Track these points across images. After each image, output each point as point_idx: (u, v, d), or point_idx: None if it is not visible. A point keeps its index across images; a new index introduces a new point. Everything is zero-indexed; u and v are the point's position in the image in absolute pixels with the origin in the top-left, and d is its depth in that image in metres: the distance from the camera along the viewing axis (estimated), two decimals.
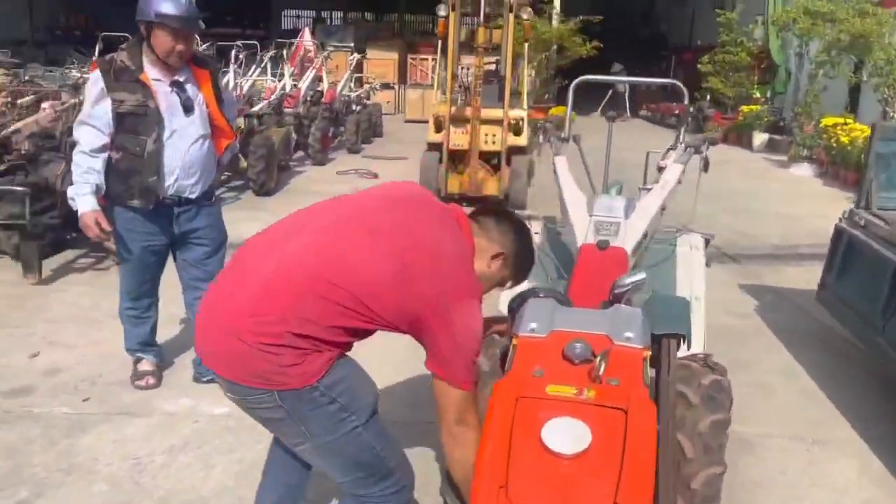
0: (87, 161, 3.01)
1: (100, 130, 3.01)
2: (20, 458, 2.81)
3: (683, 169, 2.91)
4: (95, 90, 3.02)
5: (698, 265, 2.98)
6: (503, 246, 1.88)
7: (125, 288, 3.32)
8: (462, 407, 1.71)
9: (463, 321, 1.69)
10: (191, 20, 2.98)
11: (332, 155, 11.66)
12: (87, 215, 2.97)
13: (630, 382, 1.60)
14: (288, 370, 1.65)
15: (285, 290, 1.68)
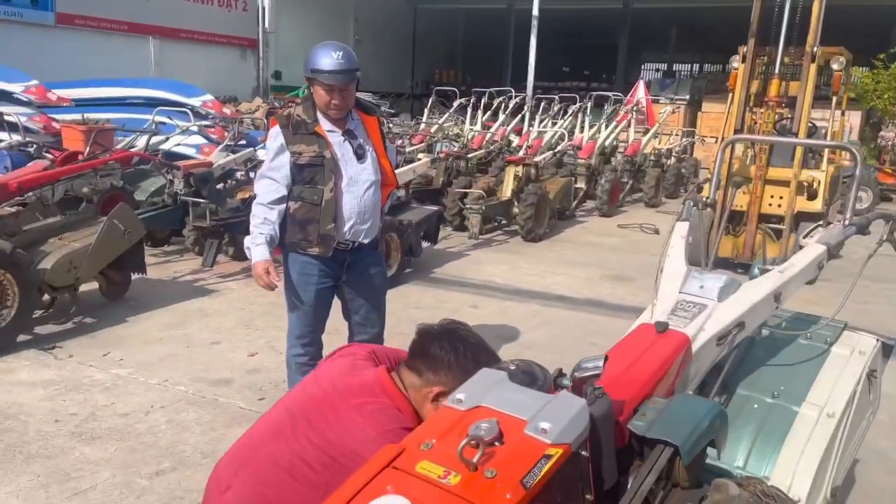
0: (263, 212, 3.14)
1: (278, 183, 3.14)
2: (184, 435, 3.41)
3: (826, 252, 2.34)
4: (275, 145, 3.15)
5: (852, 374, 2.35)
6: (441, 383, 1.88)
7: (296, 333, 3.38)
8: None
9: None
10: (344, 74, 3.03)
11: (627, 208, 11.50)
12: (259, 265, 3.08)
13: (506, 479, 1.39)
14: None
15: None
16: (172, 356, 4.41)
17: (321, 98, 3.13)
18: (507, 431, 1.51)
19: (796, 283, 2.33)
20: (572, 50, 32.89)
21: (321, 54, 3.04)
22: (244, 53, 20.18)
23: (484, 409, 1.60)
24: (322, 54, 3.04)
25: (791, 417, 2.26)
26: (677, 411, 1.77)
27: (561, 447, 1.48)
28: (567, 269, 7.19)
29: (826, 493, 2.20)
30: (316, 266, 3.23)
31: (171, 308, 5.33)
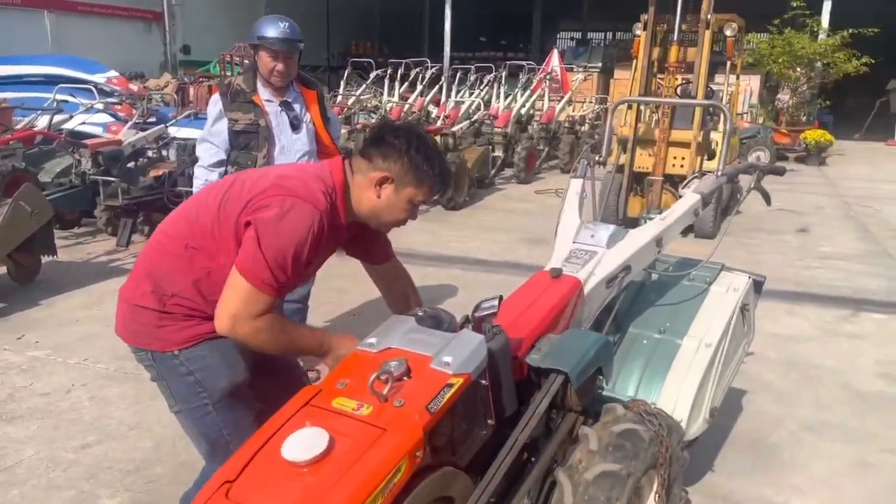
0: (204, 174, 3.35)
1: (217, 147, 3.33)
2: (108, 410, 3.43)
3: (700, 200, 2.59)
4: (214, 111, 3.35)
5: (727, 309, 2.63)
6: (388, 170, 1.88)
7: None
8: (251, 303, 1.73)
9: (274, 225, 1.75)
10: (288, 41, 3.21)
11: (544, 175, 11.82)
12: None
13: (413, 405, 1.56)
14: (155, 332, 1.89)
15: (149, 254, 1.96)
16: (91, 336, 4.37)
17: (265, 65, 3.27)
18: (414, 367, 1.68)
19: (675, 229, 2.57)
20: (489, 19, 33.04)
21: (268, 23, 3.23)
22: (149, 27, 19.37)
23: (394, 349, 1.76)
24: (269, 23, 3.23)
25: (675, 350, 2.52)
26: (567, 343, 1.97)
27: (462, 377, 1.66)
28: (486, 235, 7.41)
29: (705, 414, 2.47)
30: None
31: (86, 289, 5.24)
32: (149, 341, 1.92)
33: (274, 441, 1.53)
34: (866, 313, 5.06)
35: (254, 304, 1.75)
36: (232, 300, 1.76)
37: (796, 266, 6.36)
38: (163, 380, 1.96)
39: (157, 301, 1.89)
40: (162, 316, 1.89)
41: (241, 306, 1.75)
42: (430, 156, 1.92)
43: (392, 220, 2.00)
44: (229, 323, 1.76)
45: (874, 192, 10.55)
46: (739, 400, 3.62)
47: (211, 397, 1.92)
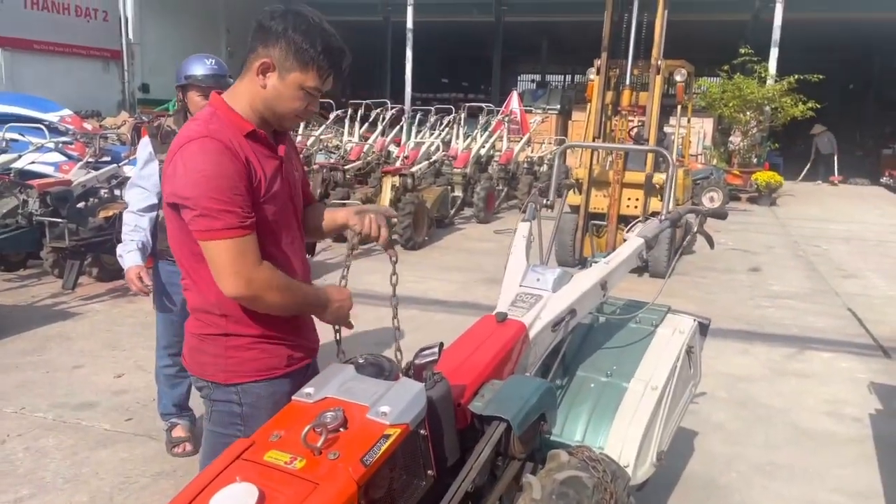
0: (134, 220, 3.24)
1: (148, 191, 3.24)
2: (44, 461, 3.29)
3: (643, 244, 2.63)
4: (144, 153, 3.28)
5: (672, 352, 2.64)
6: (267, 56, 1.76)
7: (164, 343, 3.43)
8: (238, 254, 1.69)
9: (183, 180, 1.70)
10: (216, 77, 3.18)
11: (503, 215, 11.93)
12: (131, 270, 3.18)
13: (347, 458, 1.52)
14: (221, 362, 1.89)
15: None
16: (30, 383, 4.21)
17: (195, 104, 3.23)
18: (350, 418, 1.64)
19: (620, 273, 2.60)
20: (449, 61, 33.61)
21: (194, 61, 3.24)
22: (107, 66, 19.22)
23: (330, 399, 1.72)
24: (195, 61, 3.23)
25: (621, 393, 2.52)
26: (509, 390, 1.96)
27: (399, 427, 1.62)
28: (444, 275, 7.42)
29: (652, 458, 2.47)
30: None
31: (28, 334, 5.06)
32: (212, 371, 1.91)
33: (202, 497, 1.47)
34: (813, 352, 5.16)
35: (241, 254, 1.71)
36: (223, 267, 1.71)
37: (748, 305, 6.48)
38: (210, 401, 1.95)
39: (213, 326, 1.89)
40: (227, 347, 1.88)
41: (232, 264, 1.70)
42: (312, 34, 1.75)
43: (288, 111, 1.84)
44: (239, 286, 1.73)
45: (822, 232, 10.88)
46: (691, 441, 3.63)
47: (244, 433, 1.84)
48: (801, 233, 10.81)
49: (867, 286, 7.35)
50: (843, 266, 8.36)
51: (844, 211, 13.58)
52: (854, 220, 12.30)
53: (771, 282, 7.51)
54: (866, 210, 13.78)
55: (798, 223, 11.85)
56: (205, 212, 1.69)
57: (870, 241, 10.25)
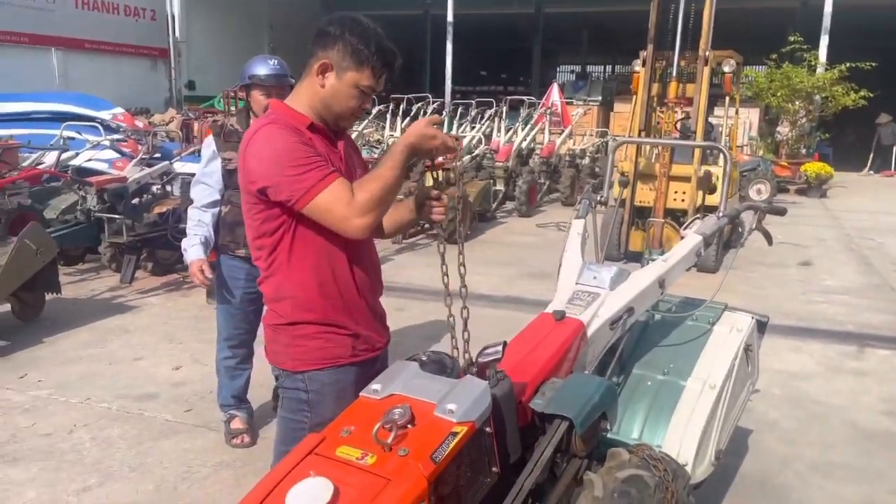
0: (198, 215, 3.36)
1: (211, 187, 3.36)
2: (110, 451, 3.42)
3: (701, 241, 2.61)
4: (208, 152, 3.43)
5: (730, 350, 2.62)
6: (326, 57, 1.89)
7: (224, 335, 3.49)
8: (337, 199, 1.78)
9: (260, 159, 1.82)
10: (278, 77, 3.30)
11: (545, 208, 11.88)
12: (193, 264, 3.27)
13: (417, 455, 1.55)
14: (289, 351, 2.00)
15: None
16: (93, 374, 4.37)
17: (258, 103, 3.34)
18: (418, 414, 1.67)
19: (678, 270, 2.58)
20: (489, 54, 33.48)
21: (257, 62, 3.34)
22: (155, 64, 19.67)
23: (397, 396, 1.76)
24: (258, 62, 3.34)
25: (679, 391, 2.51)
26: (571, 389, 1.97)
27: (466, 425, 1.65)
28: (488, 269, 7.42)
29: (711, 457, 2.46)
30: (244, 270, 3.36)
31: (89, 326, 5.24)
32: (282, 360, 2.01)
33: (278, 490, 1.53)
34: (871, 349, 5.04)
35: (339, 197, 1.79)
36: (340, 211, 1.79)
37: (800, 300, 6.35)
38: (283, 388, 2.05)
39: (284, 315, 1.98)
40: (295, 336, 1.98)
41: (348, 205, 1.79)
42: (367, 37, 1.89)
43: (344, 109, 1.96)
44: (353, 225, 1.81)
45: (876, 224, 10.58)
46: (746, 440, 3.59)
47: (311, 420, 1.95)
48: (853, 225, 10.52)
49: None
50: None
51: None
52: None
53: (823, 276, 7.34)
54: None
55: (850, 215, 11.54)
56: (294, 178, 1.79)
57: None
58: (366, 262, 2.06)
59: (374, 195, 1.81)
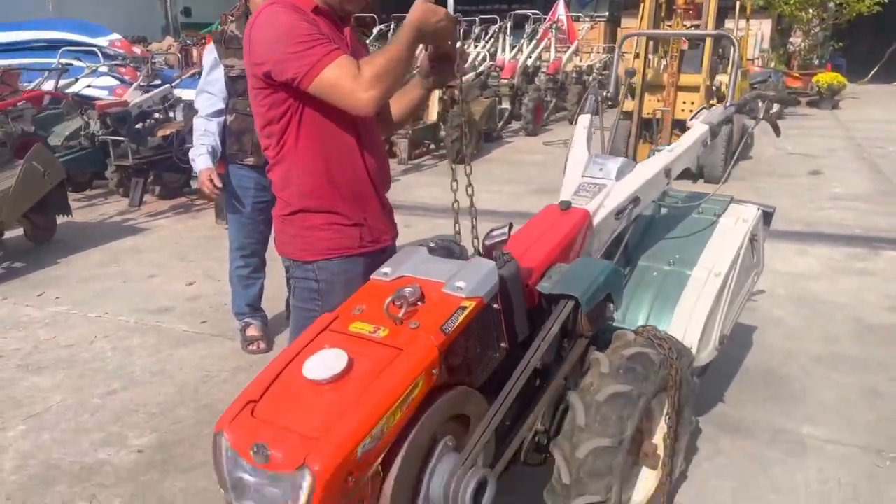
0: (203, 124, 3.31)
1: (215, 96, 3.35)
2: (131, 359, 3.52)
3: (708, 131, 2.59)
4: (210, 59, 3.34)
5: (736, 240, 2.64)
6: None
7: (236, 245, 3.51)
8: (343, 73, 1.76)
9: (262, 39, 1.81)
10: None
11: (552, 126, 11.74)
12: (202, 173, 3.24)
13: (428, 327, 1.60)
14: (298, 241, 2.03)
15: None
16: (109, 291, 4.46)
17: (257, 6, 3.20)
18: (427, 293, 1.72)
19: (684, 160, 2.58)
20: None
21: None
22: None
23: (407, 278, 1.80)
24: None
25: (684, 280, 2.55)
26: (577, 270, 2.01)
27: (474, 300, 1.70)
28: (495, 187, 7.41)
29: (715, 341, 2.51)
30: (252, 178, 3.36)
31: (102, 248, 5.31)
32: (292, 250, 2.05)
33: (295, 363, 1.59)
34: (878, 251, 5.06)
35: (346, 72, 1.77)
36: (346, 85, 1.77)
37: (808, 207, 6.34)
38: (293, 279, 2.10)
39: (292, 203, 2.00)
40: (304, 227, 2.00)
41: (354, 79, 1.76)
42: None
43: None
44: (361, 99, 1.78)
45: (887, 134, 10.42)
46: (750, 335, 3.66)
47: (322, 308, 1.98)
48: (864, 135, 10.37)
49: None
50: None
51: None
52: None
53: (833, 184, 7.29)
54: None
55: (862, 126, 11.36)
56: (298, 55, 1.77)
57: None
58: (374, 151, 2.06)
59: (380, 68, 1.79)
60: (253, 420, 1.48)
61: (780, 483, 2.50)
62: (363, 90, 1.78)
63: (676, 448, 2.25)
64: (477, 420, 1.72)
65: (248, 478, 1.44)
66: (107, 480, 2.55)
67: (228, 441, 1.46)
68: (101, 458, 2.69)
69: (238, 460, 1.44)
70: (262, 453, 1.39)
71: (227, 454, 1.46)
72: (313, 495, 1.35)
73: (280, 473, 1.38)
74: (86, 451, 2.73)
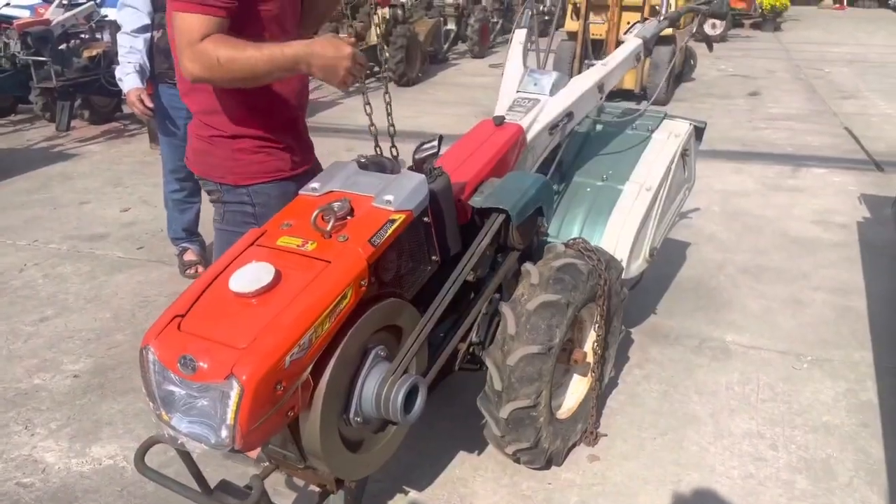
0: (128, 41, 3.18)
1: (139, 10, 3.19)
2: (64, 286, 3.44)
3: (641, 45, 2.59)
4: None
5: (667, 155, 2.69)
6: None
7: (170, 167, 3.42)
8: (187, 29, 1.63)
9: None
10: None
11: (498, 49, 11.56)
12: (131, 93, 3.18)
13: (356, 240, 1.60)
14: (229, 165, 1.92)
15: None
16: (39, 218, 4.31)
17: None
18: (356, 206, 1.71)
19: (617, 74, 2.58)
20: None
21: None
22: None
23: (336, 193, 1.78)
24: None
25: (616, 195, 2.60)
26: (507, 185, 2.02)
27: (403, 213, 1.70)
28: (440, 109, 7.33)
29: (645, 253, 2.59)
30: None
31: (29, 175, 5.10)
32: (221, 174, 1.94)
33: (222, 278, 1.57)
34: (807, 168, 5.23)
35: (189, 30, 1.64)
36: (178, 41, 1.67)
37: (745, 127, 6.46)
38: (222, 203, 1.99)
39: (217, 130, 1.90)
40: (235, 150, 1.90)
41: (182, 38, 1.66)
42: None
43: None
44: (182, 64, 1.68)
45: (825, 56, 10.61)
46: (683, 250, 3.78)
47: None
48: (803, 57, 10.55)
49: (866, 106, 7.28)
50: (844, 88, 8.24)
51: (850, 35, 13.16)
52: (859, 44, 11.95)
53: (770, 105, 7.43)
54: (871, 33, 13.37)
55: (801, 47, 11.53)
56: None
57: (873, 62, 10.03)
58: (295, 84, 1.97)
59: (224, 63, 1.65)
60: (179, 333, 1.47)
61: (703, 385, 2.64)
62: (189, 59, 1.65)
63: (606, 356, 2.34)
64: (409, 331, 1.75)
65: (177, 390, 1.44)
66: (42, 405, 2.53)
67: (155, 354, 1.45)
68: (36, 383, 2.66)
69: (166, 373, 1.44)
70: (190, 365, 1.39)
71: (154, 368, 1.46)
72: (242, 403, 1.36)
73: (208, 384, 1.39)
74: (19, 378, 2.69)
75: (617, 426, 2.41)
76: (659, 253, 2.70)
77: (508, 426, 1.97)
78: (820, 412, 2.50)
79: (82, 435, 2.37)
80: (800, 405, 2.53)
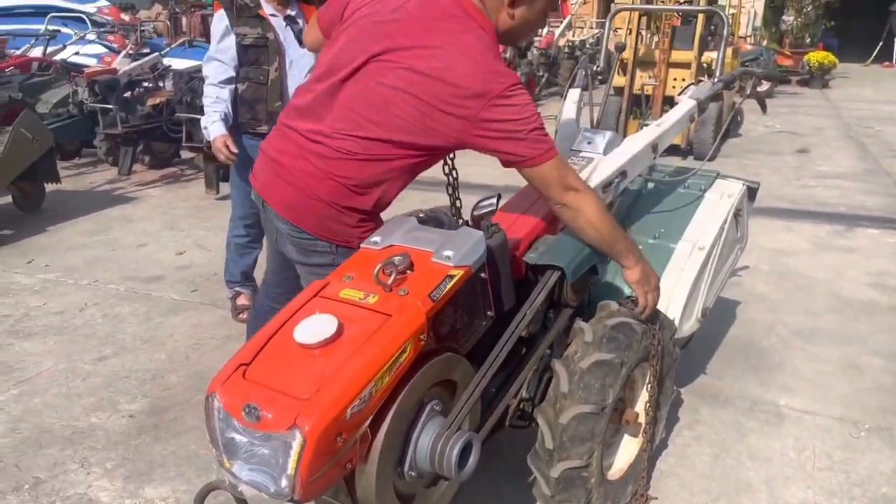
0: (215, 92, 3.25)
1: (226, 64, 3.29)
2: (122, 326, 3.55)
3: (695, 106, 2.62)
4: (221, 27, 3.26)
5: (720, 214, 2.69)
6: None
7: (239, 213, 3.50)
8: (559, 174, 1.84)
9: (509, 115, 1.79)
10: None
11: (544, 101, 11.71)
12: (217, 140, 3.19)
13: (416, 294, 1.64)
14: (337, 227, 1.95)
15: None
16: (99, 259, 4.47)
17: None
18: (416, 261, 1.75)
19: (671, 134, 2.61)
20: None
21: None
22: None
23: (396, 247, 1.83)
24: None
25: (669, 254, 2.60)
26: (563, 242, 2.05)
27: (462, 269, 1.74)
28: (486, 160, 7.39)
29: (698, 314, 2.57)
30: None
31: (91, 216, 5.31)
32: (346, 239, 1.96)
33: (286, 328, 1.62)
34: (861, 228, 5.13)
35: (568, 174, 1.88)
36: (553, 184, 1.87)
37: (794, 185, 6.40)
38: (332, 266, 1.93)
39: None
40: (358, 221, 1.96)
41: (567, 180, 1.87)
42: None
43: (530, 35, 2.13)
44: (559, 202, 1.90)
45: (875, 114, 10.49)
46: (733, 310, 3.73)
47: None
48: (853, 115, 10.43)
49: None
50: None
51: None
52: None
53: (819, 162, 7.35)
54: None
55: (851, 105, 11.42)
56: (537, 137, 1.82)
57: None
58: None
59: (595, 224, 1.92)
60: (245, 382, 1.52)
61: (756, 450, 2.58)
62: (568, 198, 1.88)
63: (657, 416, 2.32)
64: (464, 386, 1.76)
65: (240, 438, 1.48)
66: (98, 444, 2.59)
67: (220, 402, 1.50)
68: (93, 422, 2.73)
69: (230, 421, 1.48)
70: (254, 414, 1.43)
71: (219, 415, 1.50)
72: (303, 454, 1.39)
73: (271, 433, 1.42)
74: (77, 416, 2.77)
75: (668, 489, 2.37)
76: (710, 312, 2.68)
77: (559, 486, 1.96)
78: (879, 483, 2.41)
79: (136, 476, 2.42)
80: (858, 475, 2.45)
